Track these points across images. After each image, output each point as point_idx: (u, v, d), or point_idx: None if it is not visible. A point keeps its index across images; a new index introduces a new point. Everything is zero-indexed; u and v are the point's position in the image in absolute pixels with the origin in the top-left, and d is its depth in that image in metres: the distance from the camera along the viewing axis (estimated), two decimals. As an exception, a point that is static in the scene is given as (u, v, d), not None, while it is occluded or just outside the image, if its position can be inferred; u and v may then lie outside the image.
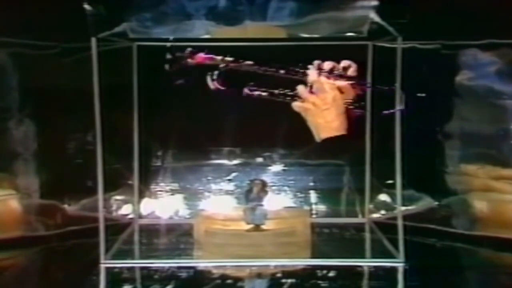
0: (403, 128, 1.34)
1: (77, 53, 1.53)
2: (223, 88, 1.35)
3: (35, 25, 1.51)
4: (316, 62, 1.38)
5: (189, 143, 1.67)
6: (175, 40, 1.49)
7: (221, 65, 1.35)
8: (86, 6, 1.30)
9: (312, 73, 1.36)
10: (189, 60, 1.35)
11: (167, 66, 1.34)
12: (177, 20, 1.42)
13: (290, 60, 1.60)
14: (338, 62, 1.40)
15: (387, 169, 1.40)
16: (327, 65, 1.38)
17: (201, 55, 1.34)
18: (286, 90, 1.38)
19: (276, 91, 1.37)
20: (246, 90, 1.38)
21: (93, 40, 1.32)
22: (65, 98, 1.55)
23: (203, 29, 1.43)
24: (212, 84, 1.35)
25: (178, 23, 1.42)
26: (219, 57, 1.36)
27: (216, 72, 1.35)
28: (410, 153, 1.37)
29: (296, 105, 1.36)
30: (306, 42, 1.51)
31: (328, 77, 1.36)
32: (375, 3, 1.39)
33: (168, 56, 1.34)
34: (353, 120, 1.37)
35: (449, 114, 1.55)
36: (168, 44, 1.32)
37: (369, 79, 1.60)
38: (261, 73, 1.39)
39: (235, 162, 1.70)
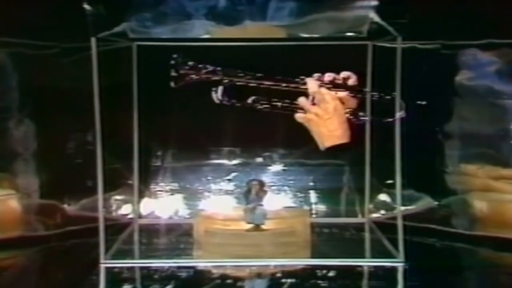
0: (403, 128, 1.34)
1: (77, 53, 1.52)
2: (227, 102, 1.36)
3: (35, 25, 1.51)
4: (316, 74, 1.39)
5: (189, 143, 1.67)
6: (175, 40, 1.50)
7: (225, 80, 1.37)
8: (86, 6, 1.30)
9: (312, 85, 1.37)
10: (193, 76, 1.36)
11: (172, 83, 1.36)
12: (177, 20, 1.42)
13: (290, 60, 1.61)
14: (338, 73, 1.40)
15: (387, 169, 1.40)
16: (328, 77, 1.39)
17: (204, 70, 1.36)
18: (288, 102, 1.39)
19: (279, 104, 1.39)
20: (249, 103, 1.39)
21: (93, 40, 1.32)
22: (65, 98, 1.55)
23: (203, 29, 1.43)
24: (216, 99, 1.36)
25: (178, 23, 1.42)
26: (222, 72, 1.37)
27: (220, 87, 1.36)
28: (410, 153, 1.37)
29: (298, 116, 1.37)
30: (306, 42, 1.51)
31: (328, 88, 1.37)
32: (375, 3, 1.39)
33: (173, 73, 1.35)
34: (356, 127, 1.38)
35: (449, 114, 1.55)
36: (173, 61, 1.33)
37: (369, 79, 1.60)
38: (263, 86, 1.40)
39: (235, 162, 1.70)
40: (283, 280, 1.24)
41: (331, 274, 1.27)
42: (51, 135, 1.56)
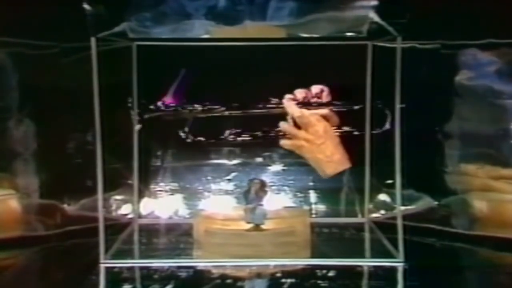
0: (403, 128, 1.34)
1: (77, 53, 1.53)
2: (201, 139, 1.33)
3: (35, 25, 1.51)
4: (287, 96, 1.33)
5: (189, 143, 1.67)
6: (175, 40, 1.50)
7: (189, 117, 1.32)
8: (86, 6, 1.30)
9: (291, 107, 1.30)
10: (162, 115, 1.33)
11: (136, 128, 1.34)
12: (177, 20, 1.42)
13: (290, 60, 1.61)
14: (308, 89, 1.36)
15: (386, 168, 1.40)
16: (299, 93, 1.33)
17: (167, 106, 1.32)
18: (269, 130, 1.35)
19: (259, 133, 1.35)
20: (226, 137, 1.36)
21: (93, 40, 1.32)
22: (65, 98, 1.55)
23: (203, 29, 1.43)
24: (188, 138, 1.32)
25: (177, 23, 1.42)
26: (186, 110, 1.33)
27: (186, 127, 1.33)
28: (410, 153, 1.37)
29: (284, 143, 1.30)
30: (306, 42, 1.51)
31: (308, 108, 1.31)
32: (375, 3, 1.39)
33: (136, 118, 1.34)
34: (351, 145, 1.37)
35: (448, 114, 1.55)
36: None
37: (368, 79, 1.60)
38: (238, 115, 1.36)
39: (235, 162, 1.70)
40: (283, 280, 1.24)
41: (331, 274, 1.27)
42: (51, 135, 1.56)
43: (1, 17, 1.46)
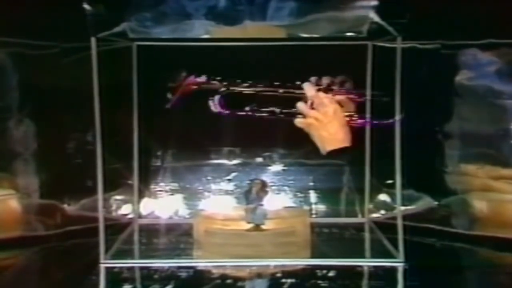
0: (403, 128, 1.34)
1: (77, 53, 1.52)
2: (225, 111, 1.38)
3: (35, 25, 1.51)
4: (313, 78, 1.40)
5: (189, 143, 1.67)
6: (175, 40, 1.50)
7: (222, 89, 1.38)
8: (86, 6, 1.30)
9: (310, 89, 1.38)
10: (192, 86, 1.38)
11: (169, 95, 1.39)
12: (177, 20, 1.42)
13: (290, 60, 1.61)
14: (335, 77, 1.41)
15: (386, 168, 1.40)
16: (325, 80, 1.40)
17: (202, 80, 1.38)
18: (287, 108, 1.40)
19: (277, 110, 1.40)
20: (247, 111, 1.41)
21: (93, 40, 1.32)
22: (65, 98, 1.55)
23: (203, 29, 1.43)
24: (214, 108, 1.38)
25: (177, 23, 1.42)
26: (218, 81, 1.39)
27: (217, 97, 1.38)
28: (410, 153, 1.37)
29: (298, 121, 1.39)
30: (306, 42, 1.51)
31: (326, 92, 1.38)
32: (375, 3, 1.39)
33: (171, 84, 1.37)
34: (356, 129, 1.39)
35: (449, 114, 1.55)
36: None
37: (368, 79, 1.60)
38: (261, 93, 1.41)
39: (235, 162, 1.70)
40: (283, 280, 1.24)
41: (331, 274, 1.27)
42: (51, 134, 1.56)
43: (1, 17, 1.46)
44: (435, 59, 1.54)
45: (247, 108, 1.41)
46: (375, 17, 1.40)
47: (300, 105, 1.38)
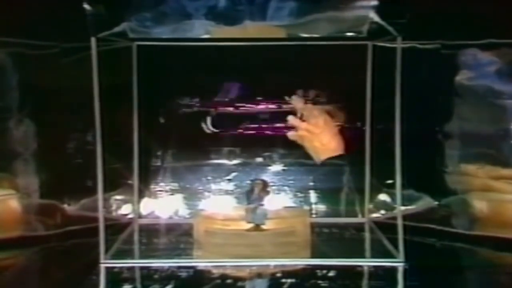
0: (403, 128, 1.34)
1: (77, 53, 1.53)
2: (218, 130, 1.41)
3: (35, 25, 1.51)
4: (300, 91, 1.43)
5: (189, 143, 1.67)
6: (175, 40, 1.50)
7: (211, 110, 1.41)
8: (86, 6, 1.30)
9: (298, 102, 1.41)
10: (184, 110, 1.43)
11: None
12: (177, 20, 1.42)
13: (290, 60, 1.61)
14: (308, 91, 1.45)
15: (387, 169, 1.40)
16: (312, 93, 1.43)
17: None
18: (278, 123, 1.43)
19: (269, 127, 1.44)
20: (240, 131, 1.45)
21: (93, 40, 1.32)
22: (65, 98, 1.55)
23: (203, 29, 1.43)
24: (207, 129, 1.42)
25: (177, 23, 1.42)
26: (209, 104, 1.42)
27: (208, 118, 1.40)
28: (410, 153, 1.37)
29: (291, 135, 1.42)
30: (306, 42, 1.51)
31: (314, 104, 1.42)
32: (375, 3, 1.39)
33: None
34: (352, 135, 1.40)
35: (449, 114, 1.55)
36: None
37: (369, 79, 1.60)
38: (252, 111, 1.45)
39: (235, 162, 1.70)
40: (283, 280, 1.24)
41: (331, 274, 1.27)
42: (51, 135, 1.56)
43: (1, 17, 1.46)
44: (435, 59, 1.54)
45: (240, 127, 1.44)
46: (375, 17, 1.40)
47: (291, 118, 1.41)
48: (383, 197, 1.64)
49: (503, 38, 1.48)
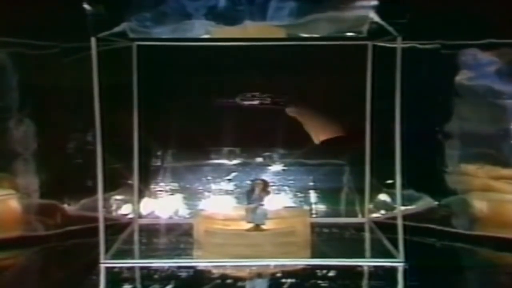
0: (403, 128, 1.34)
1: (77, 53, 1.53)
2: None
3: (35, 25, 1.51)
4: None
5: (189, 143, 1.67)
6: (175, 40, 1.50)
7: None
8: (86, 6, 1.30)
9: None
10: None
11: None
12: (177, 20, 1.42)
13: (290, 60, 1.61)
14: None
15: (387, 168, 1.40)
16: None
17: None
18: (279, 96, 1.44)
19: (269, 99, 1.43)
20: (238, 100, 1.45)
21: (93, 40, 1.32)
22: (65, 98, 1.55)
23: (203, 29, 1.43)
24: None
25: (177, 23, 1.42)
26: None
27: None
28: (410, 153, 1.37)
29: (290, 110, 1.41)
30: (306, 42, 1.51)
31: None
32: (375, 3, 1.39)
33: None
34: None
35: (449, 114, 1.55)
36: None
37: (369, 79, 1.60)
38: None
39: (235, 162, 1.70)
40: (283, 280, 1.24)
41: (331, 274, 1.27)
42: (51, 134, 1.56)
43: (1, 17, 1.46)
44: (435, 59, 1.54)
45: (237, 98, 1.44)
46: (375, 17, 1.40)
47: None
48: (383, 197, 1.64)
49: (503, 38, 1.48)
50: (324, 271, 1.28)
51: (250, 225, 1.41)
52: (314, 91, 1.62)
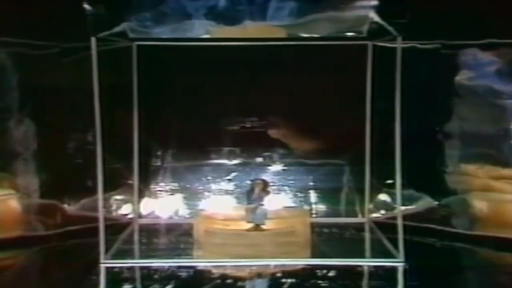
0: (403, 128, 1.34)
1: (77, 53, 1.53)
2: None
3: (35, 25, 1.51)
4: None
5: (189, 143, 1.68)
6: (175, 40, 1.50)
7: None
8: (86, 6, 1.30)
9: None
10: None
11: None
12: (177, 20, 1.42)
13: (290, 60, 1.61)
14: None
15: (387, 168, 1.40)
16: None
17: None
18: None
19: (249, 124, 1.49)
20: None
21: (93, 40, 1.32)
22: (65, 97, 1.55)
23: (203, 29, 1.43)
24: None
25: (177, 23, 1.42)
26: None
27: None
28: (410, 153, 1.37)
29: (273, 132, 1.42)
30: (306, 42, 1.51)
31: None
32: (375, 3, 1.39)
33: None
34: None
35: (449, 114, 1.55)
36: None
37: (369, 79, 1.60)
38: None
39: (235, 162, 1.70)
40: (283, 280, 1.24)
41: (331, 274, 1.27)
42: (51, 134, 1.56)
43: (1, 17, 1.46)
44: (435, 59, 1.54)
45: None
46: (375, 17, 1.40)
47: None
48: (383, 197, 1.64)
49: (503, 38, 1.48)
50: (324, 271, 1.28)
51: (250, 225, 1.41)
52: (314, 91, 1.62)
